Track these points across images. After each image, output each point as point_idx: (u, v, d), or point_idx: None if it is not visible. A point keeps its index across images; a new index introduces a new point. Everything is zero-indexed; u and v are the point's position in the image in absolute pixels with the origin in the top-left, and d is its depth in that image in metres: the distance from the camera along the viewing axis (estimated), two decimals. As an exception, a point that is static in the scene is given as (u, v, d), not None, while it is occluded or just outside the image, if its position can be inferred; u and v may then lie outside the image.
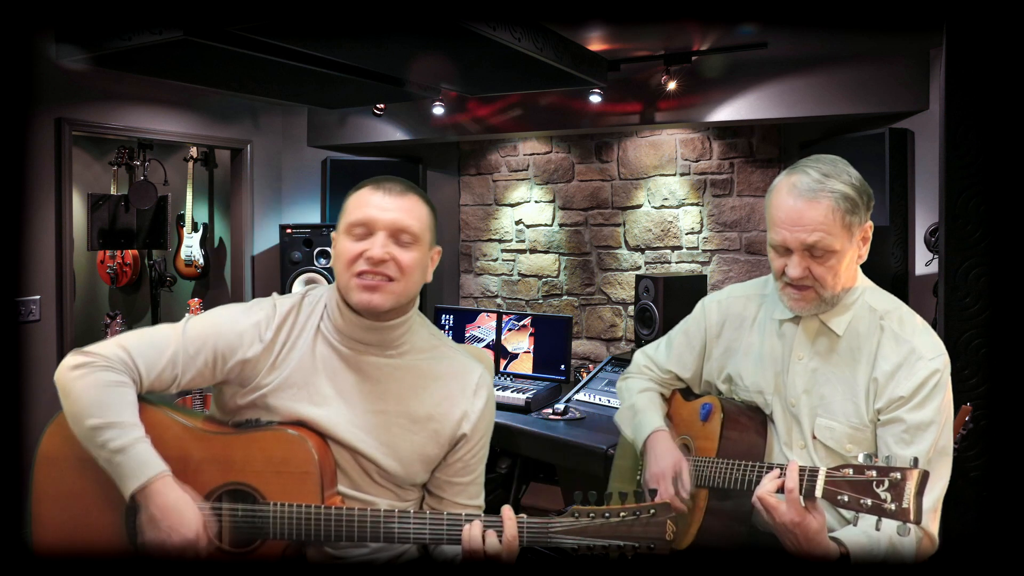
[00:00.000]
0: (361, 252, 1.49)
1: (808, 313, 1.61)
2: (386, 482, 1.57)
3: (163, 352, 1.51)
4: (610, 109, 3.82)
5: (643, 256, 4.23)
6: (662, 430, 1.79)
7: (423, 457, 1.57)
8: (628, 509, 1.38)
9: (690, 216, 4.09)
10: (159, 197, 4.93)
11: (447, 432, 1.58)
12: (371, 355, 1.56)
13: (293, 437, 1.48)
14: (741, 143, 3.94)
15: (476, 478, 1.63)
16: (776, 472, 1.45)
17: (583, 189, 4.39)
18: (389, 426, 1.55)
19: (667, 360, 1.91)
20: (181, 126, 4.00)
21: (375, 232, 1.49)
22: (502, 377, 3.58)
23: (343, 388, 1.55)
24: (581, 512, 1.40)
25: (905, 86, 3.22)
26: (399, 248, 1.50)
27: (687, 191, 4.09)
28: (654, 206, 4.18)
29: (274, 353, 1.55)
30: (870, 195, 1.57)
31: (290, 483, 1.46)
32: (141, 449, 1.41)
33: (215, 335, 1.54)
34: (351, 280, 1.50)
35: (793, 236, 1.53)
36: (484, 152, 4.69)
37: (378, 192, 1.52)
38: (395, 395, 1.56)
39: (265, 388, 1.54)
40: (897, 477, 1.30)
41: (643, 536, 1.37)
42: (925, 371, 1.51)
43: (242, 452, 1.48)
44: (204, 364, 1.53)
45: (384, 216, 1.50)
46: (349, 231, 1.52)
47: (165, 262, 5.22)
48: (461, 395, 1.60)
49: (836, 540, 1.46)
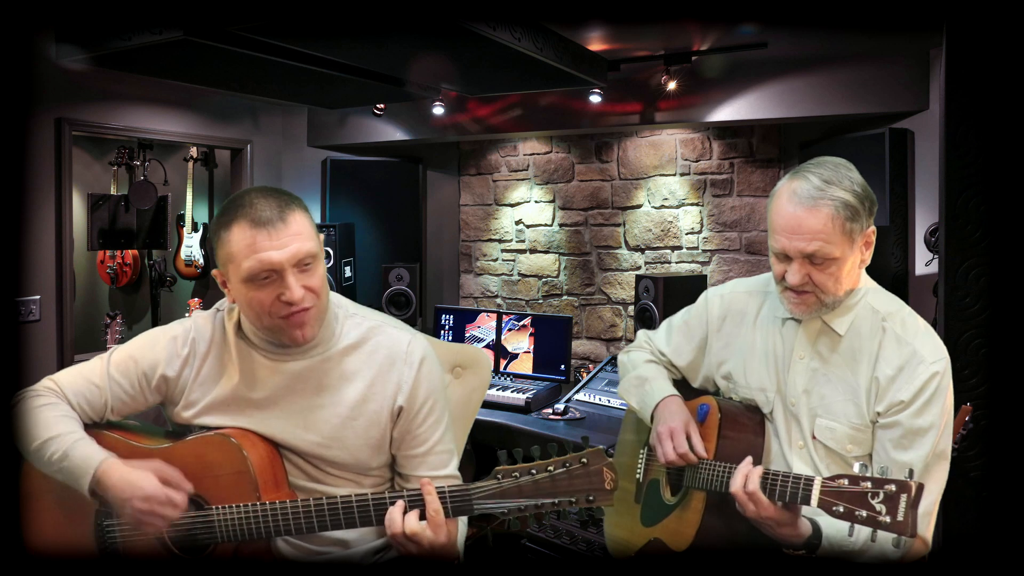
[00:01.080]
0: (277, 296, 1.45)
1: (808, 317, 1.61)
2: (341, 471, 1.57)
3: (90, 381, 1.56)
4: (610, 109, 3.82)
5: (643, 256, 4.23)
6: (675, 395, 1.78)
7: (369, 441, 1.57)
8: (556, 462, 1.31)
9: (690, 216, 4.09)
10: (159, 197, 4.93)
11: (384, 410, 1.57)
12: (298, 359, 1.57)
13: (224, 439, 1.50)
14: (741, 143, 3.94)
15: (433, 447, 1.61)
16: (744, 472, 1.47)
17: (583, 189, 4.39)
18: (329, 419, 1.55)
19: (666, 346, 1.91)
20: (181, 126, 4.00)
21: (283, 273, 1.44)
22: (502, 377, 3.58)
23: (275, 393, 1.56)
24: (505, 472, 1.32)
25: (905, 86, 3.22)
26: (307, 274, 1.47)
27: (687, 191, 4.09)
28: (654, 206, 4.18)
29: (194, 367, 1.58)
30: (873, 200, 1.55)
31: (227, 485, 1.48)
32: (80, 447, 1.46)
33: (135, 358, 1.58)
34: (275, 322, 1.48)
35: (792, 244, 1.52)
36: (484, 152, 4.69)
37: (261, 230, 1.43)
38: (328, 388, 1.56)
39: (198, 405, 1.57)
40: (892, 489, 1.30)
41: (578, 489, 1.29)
42: (926, 374, 1.50)
43: (180, 461, 1.49)
44: (131, 387, 1.57)
45: (282, 255, 1.43)
46: (251, 280, 1.45)
47: (165, 262, 5.22)
48: (391, 367, 1.58)
49: (813, 523, 1.48)
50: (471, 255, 4.79)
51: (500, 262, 4.69)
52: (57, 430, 1.47)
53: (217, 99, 4.10)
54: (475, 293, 4.80)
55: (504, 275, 4.68)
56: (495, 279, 4.72)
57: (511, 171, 4.62)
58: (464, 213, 4.79)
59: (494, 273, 4.72)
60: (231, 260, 1.47)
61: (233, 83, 3.53)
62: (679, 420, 1.70)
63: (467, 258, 4.81)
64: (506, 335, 3.66)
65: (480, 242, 4.75)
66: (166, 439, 1.59)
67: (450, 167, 4.79)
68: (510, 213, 4.63)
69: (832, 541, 1.47)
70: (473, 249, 4.78)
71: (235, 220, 1.46)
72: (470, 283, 4.81)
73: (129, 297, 5.73)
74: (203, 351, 1.59)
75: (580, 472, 1.30)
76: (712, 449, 1.67)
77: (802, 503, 1.40)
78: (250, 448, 1.49)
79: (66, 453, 1.44)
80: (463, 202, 4.80)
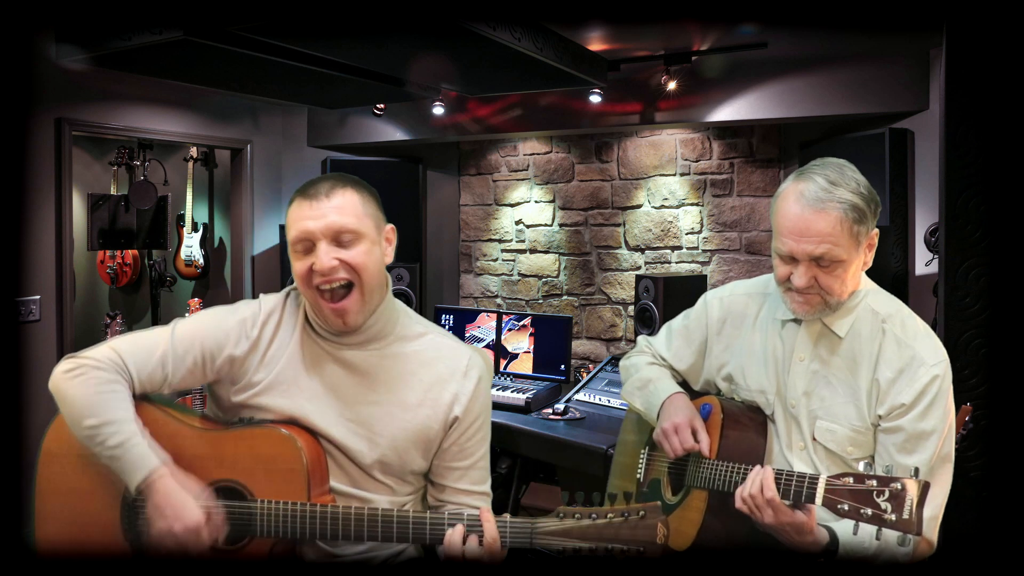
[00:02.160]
0: (310, 266, 1.48)
1: (811, 317, 1.61)
2: (382, 475, 1.56)
3: (152, 353, 1.53)
4: (610, 109, 3.82)
5: (643, 256, 4.23)
6: (680, 392, 1.78)
7: (417, 444, 1.57)
8: (616, 511, 1.35)
9: (690, 216, 4.09)
10: (159, 197, 4.93)
11: (440, 416, 1.57)
12: (355, 349, 1.57)
13: (281, 435, 1.49)
14: (741, 143, 3.94)
15: (476, 462, 1.62)
16: (754, 473, 1.47)
17: (583, 189, 4.39)
18: (381, 416, 1.55)
19: (666, 350, 1.91)
20: (181, 126, 4.00)
21: (316, 243, 1.48)
22: (502, 377, 3.58)
23: (332, 383, 1.56)
24: (567, 513, 1.37)
25: (905, 86, 3.22)
26: (344, 250, 1.49)
27: (687, 191, 4.09)
28: (654, 206, 4.18)
29: (260, 350, 1.56)
30: (877, 202, 1.55)
31: (277, 480, 1.46)
32: (139, 443, 1.44)
33: (202, 335, 1.56)
34: (315, 298, 1.51)
35: (800, 247, 1.50)
36: (484, 152, 4.69)
37: (306, 202, 1.50)
38: (384, 384, 1.56)
39: (256, 387, 1.55)
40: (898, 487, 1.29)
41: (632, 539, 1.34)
42: (927, 377, 1.50)
43: (232, 449, 1.49)
44: (193, 363, 1.55)
45: (317, 224, 1.48)
46: (294, 251, 1.51)
47: (165, 262, 5.22)
48: (451, 378, 1.59)
49: (830, 530, 1.48)
50: (471, 255, 4.79)
51: (500, 262, 4.69)
52: (117, 415, 1.45)
53: (217, 99, 4.10)
54: (475, 293, 4.80)
55: (504, 275, 4.68)
56: (495, 279, 4.72)
57: (511, 171, 4.62)
58: (464, 213, 4.79)
59: (494, 273, 4.72)
60: (288, 232, 1.54)
61: (233, 83, 3.53)
62: (683, 416, 1.70)
63: (467, 258, 4.81)
64: (506, 335, 3.66)
65: (480, 242, 4.75)
66: (205, 423, 1.56)
67: (450, 167, 4.79)
68: (510, 213, 4.63)
69: (849, 547, 1.47)
70: (473, 249, 4.78)
71: (294, 197, 1.54)
72: (470, 283, 4.81)
73: (129, 297, 5.73)
74: (270, 334, 1.58)
75: (637, 523, 1.35)
76: (714, 449, 1.67)
77: (807, 501, 1.40)
78: (306, 447, 1.49)
79: (122, 443, 1.43)
80: (463, 202, 4.80)
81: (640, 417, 1.92)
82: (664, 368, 1.91)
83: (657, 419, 1.78)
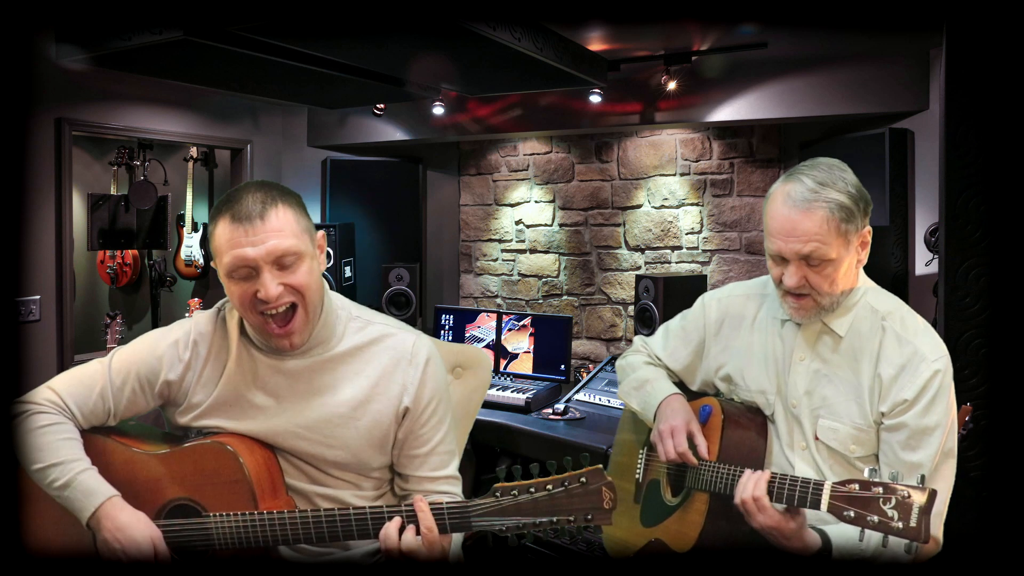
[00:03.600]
0: (253, 293, 1.45)
1: (808, 320, 1.61)
2: (342, 472, 1.57)
3: (92, 389, 1.55)
4: (610, 109, 3.82)
5: (643, 256, 4.23)
6: (678, 393, 1.78)
7: (371, 441, 1.56)
8: (554, 481, 1.31)
9: (690, 216, 4.09)
10: (159, 197, 4.93)
11: (389, 410, 1.57)
12: (297, 359, 1.56)
13: (220, 447, 1.49)
14: (741, 143, 3.94)
15: (435, 447, 1.60)
16: (752, 480, 1.47)
17: (583, 189, 4.38)
18: (330, 419, 1.54)
19: (661, 350, 1.91)
20: (181, 126, 4.00)
21: (258, 269, 1.44)
22: (502, 377, 3.58)
23: (276, 393, 1.55)
24: (504, 490, 1.32)
25: (905, 86, 3.22)
26: (286, 273, 1.46)
27: (687, 191, 4.09)
28: (654, 206, 4.18)
29: (195, 370, 1.56)
30: (867, 201, 1.55)
31: (224, 493, 1.47)
32: (84, 479, 1.45)
33: (137, 362, 1.57)
34: (257, 320, 1.49)
35: (788, 247, 1.52)
36: (484, 152, 4.69)
37: (239, 226, 1.43)
38: (330, 388, 1.56)
39: (198, 408, 1.56)
40: (904, 495, 1.28)
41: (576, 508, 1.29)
42: (928, 372, 1.50)
43: (178, 468, 1.50)
44: (132, 393, 1.56)
45: (257, 252, 1.43)
46: (230, 275, 1.46)
47: (165, 262, 5.22)
48: (396, 368, 1.58)
49: (822, 533, 1.47)
50: (471, 255, 4.79)
51: (500, 262, 4.69)
52: (61, 456, 1.46)
53: (217, 99, 4.10)
54: (475, 293, 4.80)
55: (504, 275, 4.68)
56: (495, 279, 4.72)
57: (511, 171, 4.62)
58: (464, 213, 4.79)
59: (494, 273, 4.72)
60: (216, 254, 1.49)
61: (233, 83, 3.53)
62: (681, 418, 1.70)
63: (467, 258, 4.81)
64: (506, 335, 3.66)
65: (480, 242, 4.75)
66: (163, 442, 1.58)
67: (450, 167, 4.79)
68: (510, 213, 4.63)
69: (843, 551, 1.47)
70: (473, 249, 4.78)
71: (221, 215, 1.47)
72: (470, 283, 4.81)
73: (129, 297, 5.73)
74: (204, 353, 1.57)
75: (579, 491, 1.30)
76: (715, 451, 1.66)
77: (811, 507, 1.40)
78: (247, 455, 1.48)
79: (68, 483, 1.44)
80: (463, 202, 4.80)
81: (640, 419, 1.91)
82: (661, 368, 1.91)
83: (654, 420, 1.78)
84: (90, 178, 5.51)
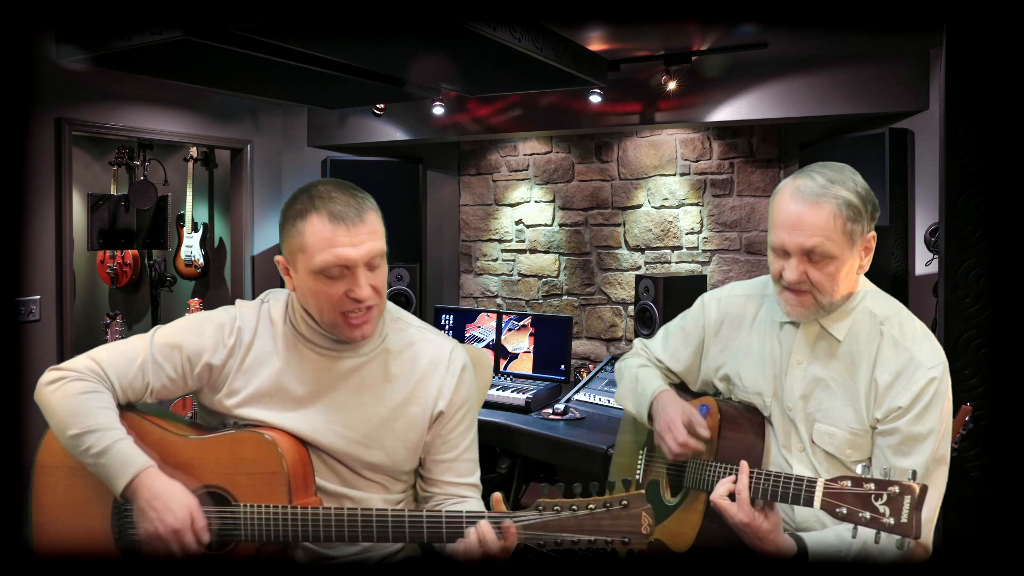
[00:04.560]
0: (344, 292, 1.46)
1: (805, 319, 1.60)
2: (374, 474, 1.57)
3: (133, 362, 1.53)
4: (610, 109, 3.82)
5: (643, 256, 4.23)
6: (668, 390, 1.77)
7: (407, 443, 1.57)
8: (597, 501, 1.31)
9: (690, 216, 4.09)
10: (159, 197, 4.93)
11: (425, 413, 1.58)
12: (343, 357, 1.56)
13: (260, 438, 1.48)
14: (741, 143, 3.94)
15: (462, 454, 1.62)
16: (732, 477, 1.48)
17: (583, 189, 4.39)
18: (369, 419, 1.55)
19: (662, 351, 1.91)
20: (181, 126, 4.00)
21: (355, 270, 1.45)
22: (502, 377, 3.58)
23: (318, 390, 1.55)
24: (546, 505, 1.33)
25: (905, 86, 3.22)
26: (374, 273, 1.48)
27: (687, 191, 4.09)
28: (654, 206, 4.18)
29: (238, 357, 1.56)
30: (875, 205, 1.55)
31: (259, 484, 1.46)
32: (122, 448, 1.43)
33: (181, 343, 1.55)
34: (337, 318, 1.49)
35: (792, 239, 1.51)
36: (484, 152, 4.69)
37: (341, 226, 1.44)
38: (370, 388, 1.56)
39: (237, 395, 1.54)
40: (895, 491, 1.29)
41: (615, 530, 1.29)
42: (924, 380, 1.50)
43: (214, 454, 1.49)
44: (173, 371, 1.54)
45: (359, 253, 1.44)
46: (322, 273, 1.45)
47: (165, 262, 5.22)
48: (434, 373, 1.60)
49: (797, 538, 1.48)
50: (471, 255, 4.79)
51: (500, 262, 4.69)
52: (99, 422, 1.44)
53: (217, 99, 4.10)
54: (475, 293, 4.80)
55: (504, 275, 4.68)
56: (495, 279, 4.72)
57: (511, 171, 4.62)
58: (464, 213, 4.79)
59: (494, 273, 4.72)
60: (303, 250, 1.46)
61: (233, 83, 3.53)
62: (675, 411, 1.69)
63: (467, 258, 4.81)
64: (506, 335, 3.66)
65: (480, 242, 4.75)
66: (192, 429, 1.56)
67: (450, 167, 4.79)
68: (510, 213, 4.63)
69: (820, 558, 1.47)
70: (473, 249, 4.78)
71: (313, 211, 1.45)
72: (470, 283, 4.81)
73: (129, 297, 5.73)
74: (248, 340, 1.56)
75: (620, 513, 1.30)
76: (712, 450, 1.66)
77: (804, 504, 1.40)
78: (286, 448, 1.48)
79: (106, 450, 1.42)
80: (463, 202, 4.80)
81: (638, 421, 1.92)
82: (654, 368, 1.91)
83: (648, 420, 1.77)
84: (90, 178, 5.51)
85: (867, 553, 1.45)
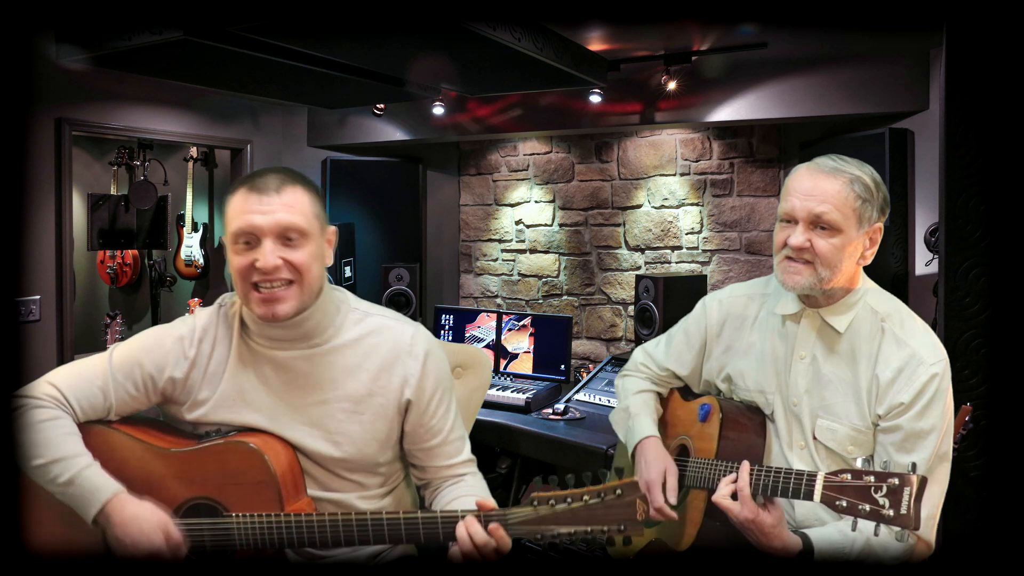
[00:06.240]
0: (251, 263, 1.45)
1: (802, 290, 1.58)
2: (347, 472, 1.55)
3: (92, 383, 1.52)
4: (610, 109, 3.82)
5: (643, 256, 4.23)
6: (652, 436, 1.79)
7: (376, 436, 1.56)
8: (591, 492, 1.31)
9: (690, 216, 4.09)
10: (159, 197, 4.93)
11: (391, 404, 1.56)
12: (296, 349, 1.55)
13: (248, 448, 1.47)
14: (741, 143, 3.94)
15: (447, 437, 1.61)
16: (733, 476, 1.50)
17: (583, 189, 4.38)
18: (334, 414, 1.54)
19: (665, 358, 1.91)
20: (181, 126, 4.00)
21: (261, 239, 1.45)
22: (502, 377, 3.58)
23: (277, 388, 1.54)
24: (541, 500, 1.33)
25: (905, 86, 3.22)
26: (289, 249, 1.46)
27: (687, 191, 4.09)
28: (654, 206, 4.18)
29: (201, 367, 1.55)
30: (886, 199, 1.59)
31: (249, 494, 1.45)
32: (89, 475, 1.42)
33: (141, 360, 1.54)
34: (249, 292, 1.47)
35: (803, 204, 1.54)
36: (484, 152, 4.69)
37: (253, 194, 1.45)
38: (331, 381, 1.55)
39: (204, 405, 1.54)
40: (895, 483, 1.30)
41: (611, 518, 1.30)
42: (925, 376, 1.50)
43: (200, 466, 1.48)
44: (135, 389, 1.54)
45: (266, 220, 1.44)
46: (235, 242, 1.47)
47: (165, 262, 5.22)
48: (396, 362, 1.57)
49: (802, 535, 1.48)
50: (471, 255, 4.79)
51: (500, 262, 4.69)
52: (63, 452, 1.43)
53: (217, 99, 4.10)
54: (475, 293, 4.80)
55: (504, 275, 4.68)
56: (495, 279, 4.72)
57: (511, 171, 4.62)
58: (464, 213, 4.79)
59: (494, 273, 4.72)
60: (226, 224, 1.50)
61: (233, 83, 3.53)
62: (656, 470, 1.70)
63: (467, 258, 4.81)
64: (506, 335, 3.66)
65: (480, 242, 4.75)
66: (176, 436, 1.55)
67: (450, 167, 4.79)
68: (510, 213, 4.63)
69: (825, 555, 1.47)
70: (473, 249, 4.78)
71: (239, 187, 1.49)
72: (470, 283, 4.81)
73: (129, 297, 5.73)
74: (208, 350, 1.56)
75: (615, 502, 1.31)
76: (714, 449, 1.67)
77: (804, 498, 1.40)
78: (273, 456, 1.47)
79: (72, 479, 1.41)
80: (463, 202, 4.80)
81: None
82: (650, 395, 1.92)
83: (632, 458, 1.80)
84: (90, 178, 5.51)
85: (871, 549, 1.45)
